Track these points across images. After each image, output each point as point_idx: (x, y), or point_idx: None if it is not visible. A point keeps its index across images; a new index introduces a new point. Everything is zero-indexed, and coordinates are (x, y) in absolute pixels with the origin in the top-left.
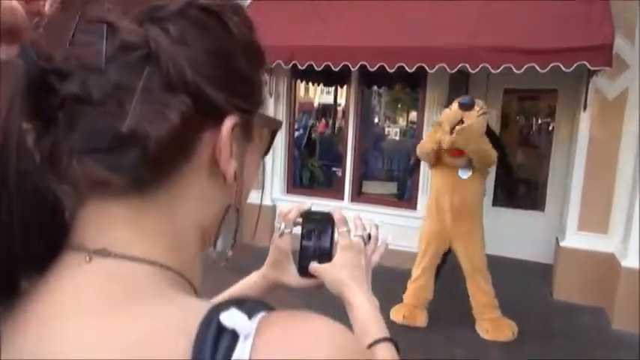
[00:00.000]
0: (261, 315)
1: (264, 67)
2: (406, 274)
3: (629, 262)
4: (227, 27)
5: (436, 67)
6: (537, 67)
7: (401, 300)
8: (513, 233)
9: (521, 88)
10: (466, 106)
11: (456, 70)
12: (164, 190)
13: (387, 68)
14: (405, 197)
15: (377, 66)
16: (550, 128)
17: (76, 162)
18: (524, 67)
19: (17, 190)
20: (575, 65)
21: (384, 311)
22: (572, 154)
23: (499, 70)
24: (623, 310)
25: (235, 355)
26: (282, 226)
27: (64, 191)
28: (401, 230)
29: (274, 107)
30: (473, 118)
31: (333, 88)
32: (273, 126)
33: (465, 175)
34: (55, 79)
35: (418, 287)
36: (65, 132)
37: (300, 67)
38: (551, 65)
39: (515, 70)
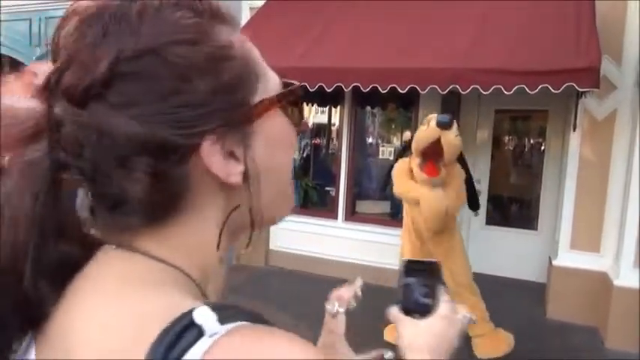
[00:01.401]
0: (237, 324)
1: (237, 68)
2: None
3: (621, 280)
4: (166, 61)
5: (428, 88)
6: (527, 89)
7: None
8: (506, 252)
9: (512, 108)
10: (445, 125)
11: (447, 91)
12: (178, 216)
13: (380, 89)
14: (399, 216)
15: (370, 87)
16: (542, 148)
17: (109, 215)
18: (514, 88)
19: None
20: (563, 86)
21: (378, 331)
22: (563, 174)
23: (489, 91)
24: (616, 329)
25: (192, 349)
26: (336, 306)
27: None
28: (394, 249)
29: None
30: (451, 138)
31: (327, 108)
32: (293, 125)
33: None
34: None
35: None
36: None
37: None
38: (541, 86)
39: (505, 92)
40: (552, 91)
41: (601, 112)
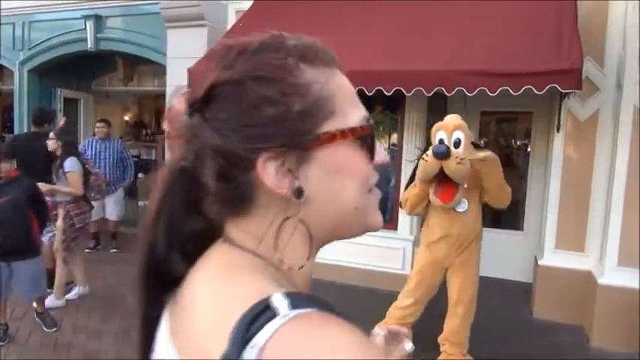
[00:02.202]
0: (307, 310)
1: (298, 106)
2: (387, 296)
3: (605, 279)
4: (244, 89)
5: (413, 90)
6: (511, 90)
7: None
8: (494, 253)
9: (497, 110)
10: (441, 156)
11: (432, 93)
12: (252, 214)
13: (366, 91)
14: (386, 218)
15: (356, 89)
16: (527, 150)
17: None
18: (499, 89)
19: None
20: (546, 88)
21: (365, 332)
22: (547, 175)
23: (474, 93)
24: (601, 327)
25: (265, 328)
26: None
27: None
28: (382, 252)
29: None
30: (452, 166)
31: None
32: (349, 137)
33: (461, 208)
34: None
35: (407, 314)
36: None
37: None
38: (524, 88)
39: (489, 93)
40: (536, 92)
41: (584, 113)
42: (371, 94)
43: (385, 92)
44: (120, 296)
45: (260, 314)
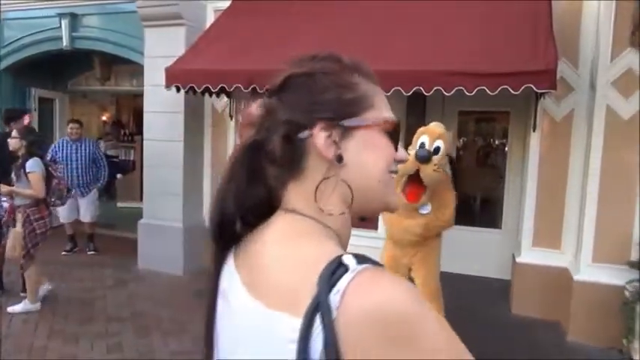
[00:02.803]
0: (368, 265)
1: (348, 91)
2: None
3: (581, 276)
4: (314, 79)
5: (392, 89)
6: (487, 90)
7: None
8: (472, 251)
9: (475, 110)
10: (423, 159)
11: (411, 92)
12: (303, 171)
13: None
14: (365, 218)
15: None
16: (505, 149)
17: (269, 171)
18: (476, 89)
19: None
20: (522, 88)
21: None
22: (524, 174)
23: (452, 93)
24: (577, 322)
25: (342, 279)
26: None
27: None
28: (362, 251)
29: (235, 130)
30: (429, 172)
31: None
32: (381, 125)
33: (424, 210)
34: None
35: None
36: (264, 160)
37: (259, 90)
38: (501, 88)
39: (466, 93)
40: (512, 92)
41: (559, 113)
42: None
43: None
44: (96, 299)
45: (337, 269)
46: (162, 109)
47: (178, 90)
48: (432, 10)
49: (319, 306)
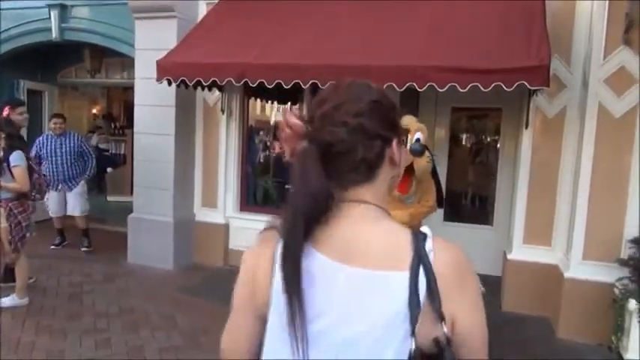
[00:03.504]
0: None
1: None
2: None
3: (571, 273)
4: (383, 105)
5: (385, 85)
6: (481, 87)
7: None
8: (464, 247)
9: (468, 106)
10: (418, 153)
11: (404, 88)
12: (377, 175)
13: None
14: None
15: (328, 83)
16: (497, 146)
17: (345, 175)
18: (469, 86)
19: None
20: (515, 85)
21: None
22: (516, 171)
23: (445, 89)
24: (567, 319)
25: (427, 242)
26: None
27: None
28: None
29: (227, 124)
30: (422, 164)
31: (287, 105)
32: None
33: (409, 200)
34: (328, 147)
35: None
36: (335, 164)
37: (251, 84)
38: (494, 84)
39: (460, 89)
40: (505, 89)
41: (551, 110)
42: None
43: None
44: (85, 294)
45: (420, 236)
46: (153, 103)
47: (170, 83)
48: (425, 7)
49: (421, 260)
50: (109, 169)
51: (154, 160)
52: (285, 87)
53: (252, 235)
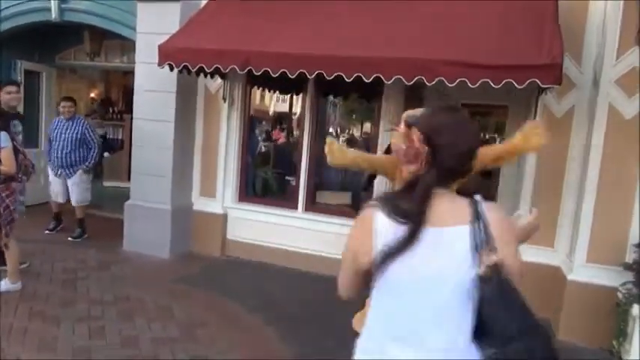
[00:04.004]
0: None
1: None
2: None
3: (574, 275)
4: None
5: (393, 78)
6: (491, 83)
7: (362, 306)
8: None
9: (473, 103)
10: (413, 124)
11: (413, 82)
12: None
13: (345, 78)
14: (360, 208)
15: (334, 75)
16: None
17: (449, 183)
18: (479, 81)
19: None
20: (527, 82)
21: (341, 321)
22: (520, 170)
23: (455, 84)
24: (568, 321)
25: (480, 204)
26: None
27: None
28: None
29: (228, 113)
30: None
31: (289, 96)
32: None
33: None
34: (449, 170)
35: None
36: (446, 178)
37: (255, 72)
38: (505, 81)
39: (469, 85)
40: (516, 86)
41: (559, 110)
42: (350, 80)
43: (365, 79)
44: (79, 281)
45: (476, 202)
46: (153, 88)
47: (172, 68)
48: (436, 2)
49: (479, 215)
50: (106, 154)
51: (153, 146)
52: (290, 76)
53: (250, 226)
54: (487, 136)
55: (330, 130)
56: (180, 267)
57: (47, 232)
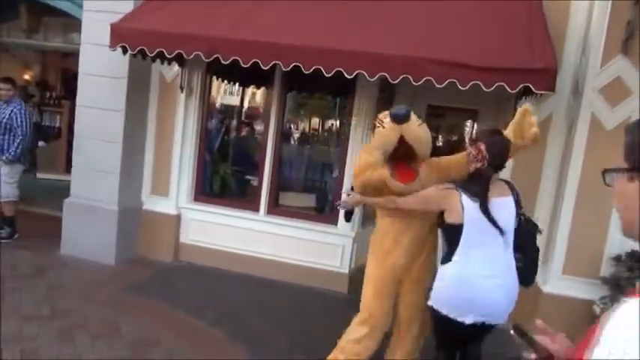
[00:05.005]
0: None
1: None
2: (323, 295)
3: (549, 287)
4: None
5: (377, 75)
6: (482, 86)
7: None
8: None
9: (443, 105)
10: (403, 118)
11: (398, 80)
12: None
13: (324, 72)
14: (326, 211)
15: (312, 68)
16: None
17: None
18: (470, 84)
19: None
20: (519, 87)
21: (315, 331)
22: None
23: (444, 85)
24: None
25: (513, 185)
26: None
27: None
28: (320, 247)
29: (185, 104)
30: (414, 130)
31: (252, 88)
32: None
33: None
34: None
35: (363, 349)
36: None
37: (223, 61)
38: (497, 84)
39: (459, 87)
40: (508, 90)
41: (537, 116)
42: (329, 75)
43: (346, 75)
44: (10, 292)
45: (511, 183)
46: (100, 73)
47: (125, 52)
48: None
49: (515, 191)
50: (40, 143)
51: (99, 138)
52: (264, 67)
53: (206, 229)
54: (454, 138)
55: (298, 127)
56: (128, 274)
57: None
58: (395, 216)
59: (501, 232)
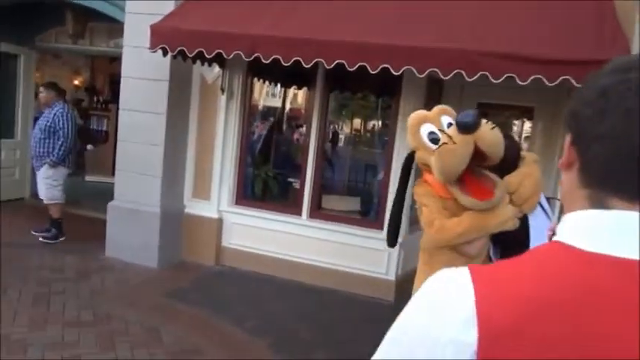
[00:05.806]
0: None
1: None
2: (368, 302)
3: None
4: None
5: (427, 71)
6: (545, 80)
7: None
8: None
9: (496, 103)
10: (473, 126)
11: (450, 76)
12: None
13: (369, 69)
14: (371, 215)
15: (356, 65)
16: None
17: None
18: (530, 78)
19: None
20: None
21: (361, 341)
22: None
23: (500, 80)
24: None
25: None
26: None
27: None
28: (364, 253)
29: (226, 105)
30: (489, 134)
31: (294, 89)
32: None
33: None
34: None
35: None
36: None
37: (263, 60)
38: (561, 78)
39: (519, 82)
40: (575, 84)
41: None
42: (375, 72)
43: (393, 71)
44: (54, 296)
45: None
46: (143, 76)
47: (165, 53)
48: None
49: None
50: (88, 147)
51: (142, 141)
52: (305, 66)
53: (248, 233)
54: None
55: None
56: (170, 279)
57: (34, 233)
58: (460, 252)
59: None
